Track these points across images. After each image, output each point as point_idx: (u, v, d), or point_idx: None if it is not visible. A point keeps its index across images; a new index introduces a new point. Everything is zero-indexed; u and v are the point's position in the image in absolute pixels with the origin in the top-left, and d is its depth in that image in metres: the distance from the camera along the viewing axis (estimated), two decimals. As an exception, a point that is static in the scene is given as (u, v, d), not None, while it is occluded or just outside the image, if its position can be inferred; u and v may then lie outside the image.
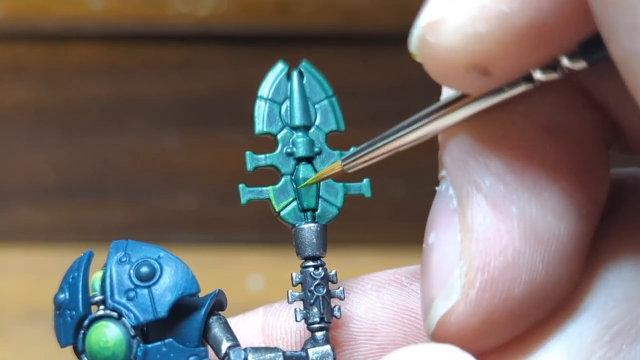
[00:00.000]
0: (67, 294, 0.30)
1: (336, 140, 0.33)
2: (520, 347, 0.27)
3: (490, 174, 0.25)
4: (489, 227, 0.25)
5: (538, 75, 0.24)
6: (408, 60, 0.27)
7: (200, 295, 0.31)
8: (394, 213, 0.73)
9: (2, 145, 0.75)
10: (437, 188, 0.27)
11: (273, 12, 0.70)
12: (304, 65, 0.33)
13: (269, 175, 0.33)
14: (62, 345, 0.30)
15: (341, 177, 0.32)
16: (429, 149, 0.31)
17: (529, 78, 0.24)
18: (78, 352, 0.30)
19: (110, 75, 0.73)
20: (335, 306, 0.32)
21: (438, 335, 0.27)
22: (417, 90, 0.46)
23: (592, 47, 0.23)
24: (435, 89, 0.28)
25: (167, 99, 0.74)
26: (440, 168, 0.28)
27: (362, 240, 0.73)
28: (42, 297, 0.40)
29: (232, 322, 0.32)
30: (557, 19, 0.23)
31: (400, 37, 0.29)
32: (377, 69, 0.72)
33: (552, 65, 0.24)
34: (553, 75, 0.24)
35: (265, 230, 0.67)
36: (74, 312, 0.30)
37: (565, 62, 0.24)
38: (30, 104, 0.74)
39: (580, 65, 0.23)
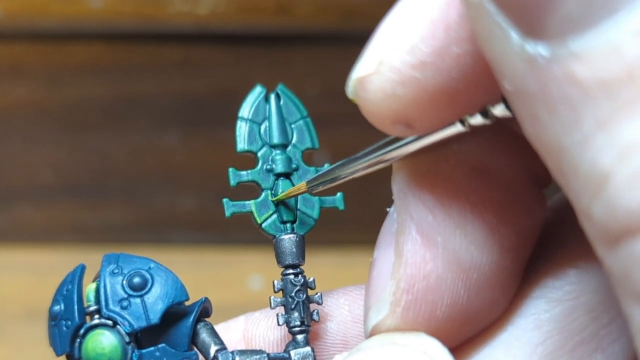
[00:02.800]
0: (62, 305, 0.31)
1: (337, 139, 0.34)
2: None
3: (422, 205, 0.28)
4: (416, 253, 0.28)
5: (470, 120, 0.26)
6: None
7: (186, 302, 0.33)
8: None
9: (2, 145, 0.75)
10: (387, 209, 0.29)
11: (273, 12, 0.70)
12: (280, 88, 0.35)
13: (252, 189, 0.35)
14: (59, 354, 0.32)
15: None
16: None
17: (463, 121, 0.26)
18: (74, 360, 0.32)
19: (110, 75, 0.73)
20: (314, 310, 0.34)
21: None
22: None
23: None
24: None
25: (167, 99, 0.74)
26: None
27: (362, 240, 0.73)
28: (42, 297, 0.40)
29: (216, 328, 0.33)
30: (467, 84, 0.25)
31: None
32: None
33: (483, 111, 0.25)
34: (484, 121, 0.25)
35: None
36: (69, 322, 0.31)
37: (493, 111, 0.25)
38: (30, 104, 0.74)
39: (506, 114, 0.25)
